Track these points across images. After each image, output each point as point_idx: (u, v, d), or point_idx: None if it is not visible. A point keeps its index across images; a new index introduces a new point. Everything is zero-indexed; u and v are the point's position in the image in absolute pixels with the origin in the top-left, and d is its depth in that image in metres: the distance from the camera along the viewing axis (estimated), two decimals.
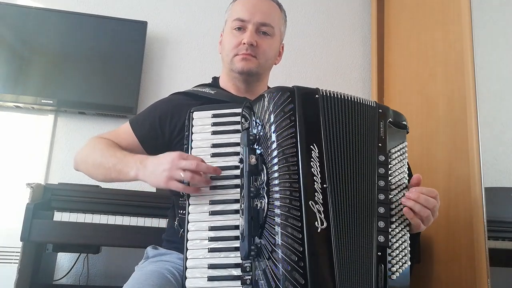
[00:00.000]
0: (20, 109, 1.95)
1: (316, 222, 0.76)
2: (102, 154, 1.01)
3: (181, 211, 0.91)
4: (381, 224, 0.83)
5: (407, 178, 0.90)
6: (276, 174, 0.79)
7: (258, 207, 0.80)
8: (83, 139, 1.99)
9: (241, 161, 0.84)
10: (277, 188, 0.78)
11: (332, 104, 0.86)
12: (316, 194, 0.78)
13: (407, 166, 0.91)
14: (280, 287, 0.72)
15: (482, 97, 1.41)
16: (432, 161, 1.58)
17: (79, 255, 1.84)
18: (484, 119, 1.39)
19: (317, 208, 0.77)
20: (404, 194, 0.86)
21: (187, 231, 0.84)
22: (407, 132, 0.95)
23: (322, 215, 0.77)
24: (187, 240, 0.84)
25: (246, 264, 0.79)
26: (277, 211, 0.77)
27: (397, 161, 0.89)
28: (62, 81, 1.94)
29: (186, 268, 0.81)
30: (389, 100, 2.11)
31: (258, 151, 0.83)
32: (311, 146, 0.80)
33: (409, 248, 0.85)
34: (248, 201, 0.79)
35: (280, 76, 2.21)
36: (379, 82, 2.18)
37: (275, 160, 0.79)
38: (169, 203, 1.15)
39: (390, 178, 0.87)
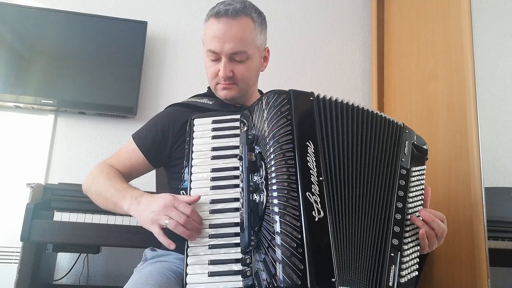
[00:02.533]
0: (20, 109, 1.95)
1: (313, 212, 0.78)
2: (102, 184, 1.02)
3: None
4: (397, 229, 0.88)
5: (423, 197, 0.96)
6: (274, 168, 0.82)
7: (257, 201, 0.82)
8: (83, 139, 2.00)
9: (240, 158, 0.88)
10: (275, 180, 0.80)
11: (326, 106, 0.90)
12: (312, 186, 0.80)
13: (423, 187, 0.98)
14: (280, 272, 0.74)
15: (482, 97, 1.41)
16: (432, 161, 1.57)
17: (79, 255, 1.85)
18: (484, 119, 1.39)
19: (313, 199, 0.79)
20: (418, 210, 0.93)
21: None
22: (426, 159, 1.02)
23: (319, 206, 0.79)
24: None
25: (246, 257, 0.81)
26: (276, 201, 0.79)
27: (416, 179, 0.96)
28: (62, 81, 1.94)
29: (187, 265, 0.83)
30: (389, 100, 2.11)
31: (257, 150, 0.87)
32: (307, 143, 0.84)
33: (418, 259, 0.90)
34: (247, 194, 0.81)
35: (280, 76, 2.22)
36: (379, 82, 2.18)
37: (273, 155, 0.83)
38: None
39: (408, 193, 0.93)
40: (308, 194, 0.79)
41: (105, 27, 2.01)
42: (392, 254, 0.85)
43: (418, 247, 0.91)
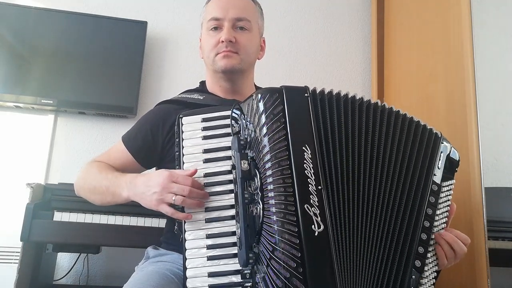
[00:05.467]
0: (20, 109, 1.95)
1: (312, 226, 0.72)
2: (95, 178, 1.00)
3: None
4: (421, 249, 0.82)
5: (448, 215, 0.89)
6: (269, 179, 0.75)
7: (254, 214, 0.78)
8: (83, 139, 2.00)
9: (233, 167, 0.83)
10: (271, 194, 0.75)
11: (325, 102, 0.82)
12: (311, 196, 0.74)
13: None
14: None
15: (482, 97, 1.41)
16: None
17: (79, 255, 1.84)
18: (484, 119, 1.39)
19: (313, 211, 0.73)
20: (443, 228, 0.86)
21: (185, 240, 0.83)
22: (456, 171, 0.92)
23: (319, 218, 0.73)
24: (185, 249, 0.82)
25: (245, 271, 0.78)
26: (273, 217, 0.73)
27: (444, 195, 0.88)
28: (62, 81, 1.94)
29: (186, 278, 0.80)
30: (389, 100, 2.11)
31: (250, 155, 0.81)
32: (303, 148, 0.76)
33: (434, 281, 0.84)
34: (243, 208, 0.77)
35: (281, 76, 2.22)
36: (379, 82, 2.18)
37: (268, 165, 0.76)
38: None
39: (436, 210, 0.86)
40: (307, 207, 0.73)
41: (105, 27, 2.01)
42: (413, 277, 0.79)
43: (437, 267, 0.85)
